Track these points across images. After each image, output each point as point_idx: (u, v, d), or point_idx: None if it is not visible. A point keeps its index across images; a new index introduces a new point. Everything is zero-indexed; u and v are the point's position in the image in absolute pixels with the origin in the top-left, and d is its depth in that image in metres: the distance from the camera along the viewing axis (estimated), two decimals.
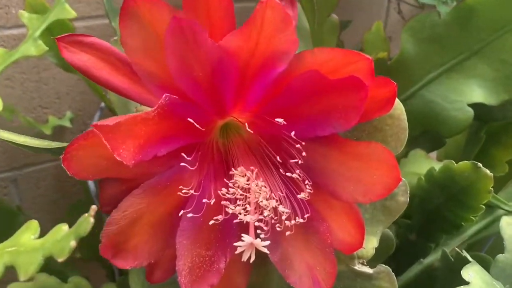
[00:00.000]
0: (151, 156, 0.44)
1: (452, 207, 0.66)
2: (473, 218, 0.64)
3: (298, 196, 0.46)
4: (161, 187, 0.47)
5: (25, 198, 1.25)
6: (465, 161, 0.60)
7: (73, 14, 0.69)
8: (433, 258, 0.70)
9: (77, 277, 0.91)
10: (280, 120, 0.44)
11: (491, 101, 0.73)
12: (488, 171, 0.58)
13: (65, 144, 0.45)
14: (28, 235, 0.32)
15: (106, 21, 1.13)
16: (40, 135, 1.04)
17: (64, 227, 0.31)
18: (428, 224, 0.73)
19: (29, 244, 0.31)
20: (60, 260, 0.29)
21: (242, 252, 0.46)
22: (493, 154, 0.86)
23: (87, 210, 0.45)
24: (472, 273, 0.47)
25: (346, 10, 1.21)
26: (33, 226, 0.32)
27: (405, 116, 0.46)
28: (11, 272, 0.38)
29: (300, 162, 0.45)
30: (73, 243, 0.28)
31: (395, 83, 0.41)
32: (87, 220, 0.29)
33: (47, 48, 0.68)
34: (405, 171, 0.76)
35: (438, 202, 0.68)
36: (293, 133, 0.45)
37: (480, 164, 0.58)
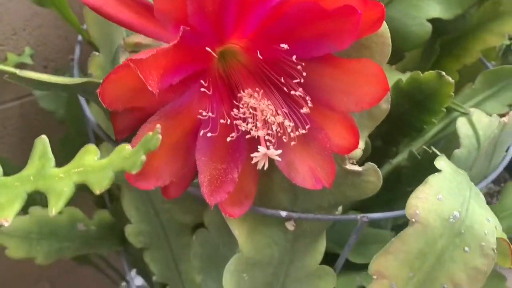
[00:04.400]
0: (168, 85, 0.48)
1: (415, 112, 0.74)
2: (434, 121, 0.74)
3: (301, 110, 0.52)
4: (176, 113, 0.52)
5: None
6: (430, 71, 0.67)
7: None
8: (400, 158, 0.80)
9: (70, 208, 0.95)
10: (284, 45, 0.49)
11: (446, 15, 0.80)
12: (450, 78, 0.66)
13: (85, 79, 0.48)
14: (91, 157, 0.35)
15: None
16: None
17: (127, 146, 0.35)
18: (391, 130, 0.82)
19: (96, 164, 0.35)
20: (133, 172, 0.33)
21: (253, 162, 0.53)
22: (445, 65, 0.94)
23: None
24: (443, 163, 0.57)
25: None
26: (92, 149, 0.36)
27: (388, 34, 0.52)
28: None
29: (302, 81, 0.51)
30: (143, 157, 0.33)
31: (383, 5, 0.47)
32: (156, 137, 0.33)
33: None
34: None
35: (403, 109, 0.77)
36: (294, 57, 0.50)
37: (443, 73, 0.66)
